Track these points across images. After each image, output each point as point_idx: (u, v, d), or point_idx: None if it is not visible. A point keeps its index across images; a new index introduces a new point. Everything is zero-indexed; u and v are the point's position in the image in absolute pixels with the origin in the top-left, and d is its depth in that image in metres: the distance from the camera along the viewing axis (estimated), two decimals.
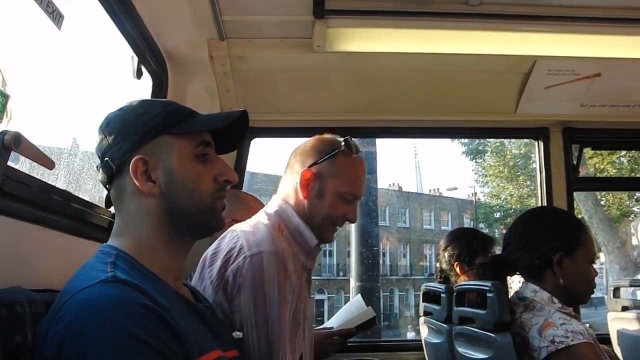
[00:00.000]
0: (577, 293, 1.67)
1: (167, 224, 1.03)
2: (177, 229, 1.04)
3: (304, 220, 1.50)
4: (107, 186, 1.07)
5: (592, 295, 1.73)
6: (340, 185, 1.51)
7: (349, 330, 1.99)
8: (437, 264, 2.40)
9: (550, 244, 1.65)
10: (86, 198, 1.46)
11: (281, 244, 1.39)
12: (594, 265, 1.72)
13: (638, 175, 14.66)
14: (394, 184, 31.45)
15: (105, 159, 1.04)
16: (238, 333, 1.21)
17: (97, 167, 1.07)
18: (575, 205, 3.00)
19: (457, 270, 2.27)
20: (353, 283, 6.45)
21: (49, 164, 1.10)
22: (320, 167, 1.50)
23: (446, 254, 2.32)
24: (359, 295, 2.41)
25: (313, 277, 1.94)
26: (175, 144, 1.04)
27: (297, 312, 1.41)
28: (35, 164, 1.10)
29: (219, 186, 1.08)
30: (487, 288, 1.66)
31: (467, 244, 2.30)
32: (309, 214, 1.51)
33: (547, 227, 1.68)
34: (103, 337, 0.80)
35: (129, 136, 1.02)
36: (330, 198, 1.51)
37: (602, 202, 13.36)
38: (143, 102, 1.09)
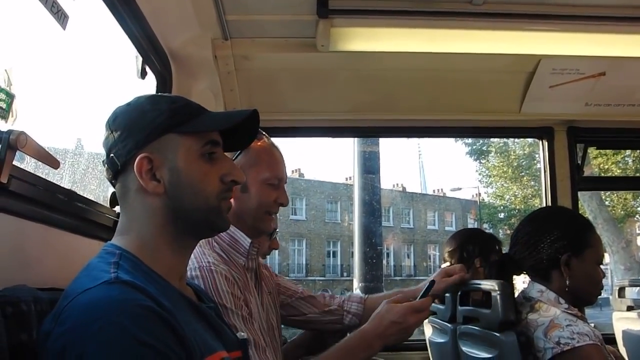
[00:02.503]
0: (584, 294, 1.66)
1: (172, 224, 1.02)
2: (181, 229, 1.03)
3: (236, 220, 1.49)
4: (113, 182, 1.06)
5: (599, 296, 1.72)
6: (262, 172, 1.52)
7: None
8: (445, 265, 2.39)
9: (558, 244, 1.64)
10: (91, 197, 1.46)
11: (207, 258, 1.40)
12: (600, 266, 1.71)
13: None
14: (397, 184, 31.56)
15: (111, 155, 1.02)
16: (242, 333, 1.21)
17: (102, 162, 1.06)
18: (579, 205, 2.99)
19: (477, 265, 2.26)
20: (356, 283, 6.42)
21: (53, 163, 1.11)
22: (237, 163, 1.49)
23: (464, 253, 2.30)
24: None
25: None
26: (181, 142, 1.02)
27: (251, 312, 1.42)
28: (40, 163, 1.10)
29: (225, 186, 1.06)
30: (492, 287, 1.65)
31: (485, 240, 2.32)
32: (239, 211, 1.51)
33: (556, 227, 1.67)
34: (106, 339, 0.79)
35: (134, 133, 1.01)
36: (256, 187, 1.52)
37: (607, 202, 13.32)
38: (151, 98, 1.07)
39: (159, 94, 1.36)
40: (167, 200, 1.01)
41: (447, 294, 2.08)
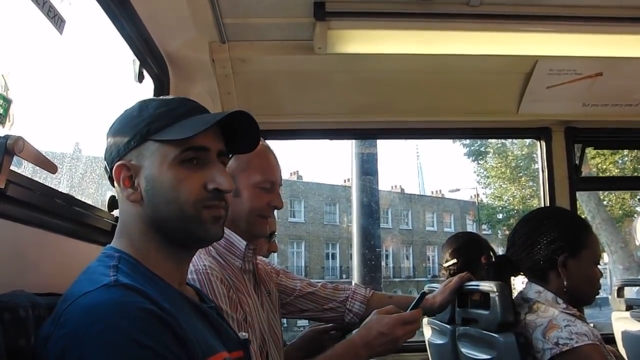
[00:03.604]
0: (581, 294, 1.66)
1: (154, 232, 1.01)
2: (165, 238, 1.02)
3: (230, 224, 1.46)
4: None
5: (596, 296, 1.73)
6: (253, 176, 1.51)
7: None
8: (445, 272, 2.38)
9: (555, 245, 1.64)
10: (89, 202, 1.45)
11: (202, 262, 1.39)
12: (598, 266, 1.71)
13: None
14: (396, 186, 31.50)
15: (105, 162, 1.04)
16: (244, 334, 1.20)
17: None
18: (577, 206, 2.99)
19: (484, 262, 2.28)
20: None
21: (51, 168, 1.11)
22: (229, 167, 1.45)
23: (470, 251, 2.32)
24: None
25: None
26: (159, 149, 1.00)
27: (246, 315, 1.41)
28: (37, 167, 1.10)
29: (209, 194, 1.02)
30: (490, 289, 1.65)
31: (485, 242, 2.35)
32: (232, 216, 1.45)
33: (552, 228, 1.67)
34: (106, 342, 0.79)
35: (117, 141, 1.02)
36: (248, 192, 1.50)
37: (605, 202, 13.33)
38: (141, 103, 1.06)
39: (152, 97, 1.34)
40: (145, 208, 1.01)
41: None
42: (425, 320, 2.37)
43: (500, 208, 21.13)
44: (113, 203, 1.54)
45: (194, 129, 1.00)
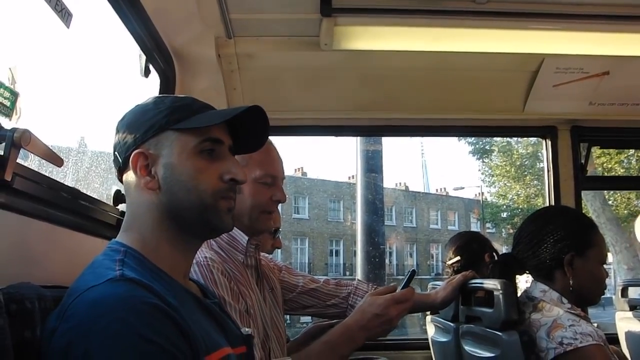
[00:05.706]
0: (587, 294, 1.66)
1: (169, 221, 1.02)
2: (178, 227, 1.03)
3: (234, 220, 1.47)
4: (121, 181, 1.08)
5: (602, 296, 1.72)
6: (254, 171, 1.49)
7: None
8: (449, 269, 2.39)
9: (561, 244, 1.64)
10: (94, 195, 1.46)
11: (203, 254, 1.39)
12: (604, 266, 1.70)
13: None
14: (400, 183, 31.47)
15: (115, 153, 1.05)
16: (247, 329, 1.20)
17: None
18: (582, 205, 2.98)
19: (487, 260, 2.29)
20: None
21: (57, 161, 1.11)
22: None
23: (473, 248, 2.33)
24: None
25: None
26: (178, 139, 1.02)
27: (248, 307, 1.42)
28: (44, 161, 1.10)
29: (225, 185, 1.05)
30: (494, 286, 1.65)
31: (488, 241, 2.38)
32: (235, 212, 1.49)
33: (559, 227, 1.66)
34: (111, 336, 0.80)
35: (133, 131, 1.03)
36: (249, 187, 1.48)
37: (610, 202, 13.27)
38: (156, 98, 1.09)
39: (166, 94, 1.36)
40: (162, 196, 1.01)
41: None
42: (428, 318, 2.37)
43: (504, 206, 21.10)
44: (118, 197, 1.55)
45: (215, 118, 1.04)
